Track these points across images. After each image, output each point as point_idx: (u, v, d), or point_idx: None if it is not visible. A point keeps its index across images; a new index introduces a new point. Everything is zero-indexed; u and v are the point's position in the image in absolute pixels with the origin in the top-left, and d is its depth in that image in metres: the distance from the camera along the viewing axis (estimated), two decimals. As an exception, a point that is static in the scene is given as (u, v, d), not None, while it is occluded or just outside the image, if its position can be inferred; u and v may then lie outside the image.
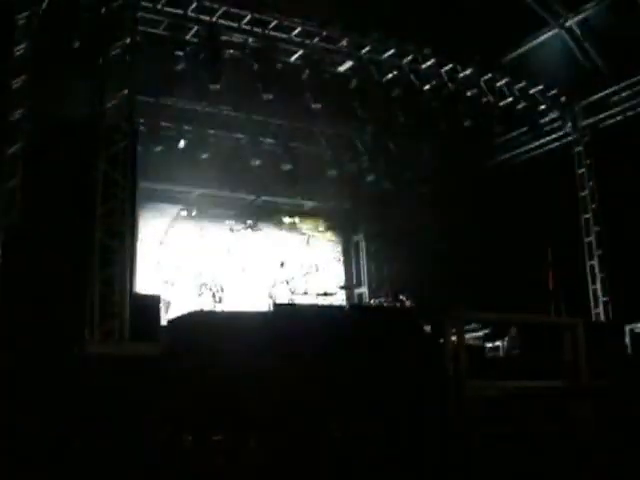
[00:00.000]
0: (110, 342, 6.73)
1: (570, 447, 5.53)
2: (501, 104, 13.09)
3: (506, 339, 10.39)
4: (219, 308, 12.70)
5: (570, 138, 13.95)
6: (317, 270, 15.02)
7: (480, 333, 10.73)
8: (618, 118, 13.10)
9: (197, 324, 6.28)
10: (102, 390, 5.01)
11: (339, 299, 14.61)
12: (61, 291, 6.57)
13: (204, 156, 12.94)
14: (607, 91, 13.06)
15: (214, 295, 12.78)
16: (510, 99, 13.11)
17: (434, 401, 5.14)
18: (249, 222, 14.68)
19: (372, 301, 14.30)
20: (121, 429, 5.07)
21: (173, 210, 13.91)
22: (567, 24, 12.59)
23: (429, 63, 12.26)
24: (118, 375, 5.24)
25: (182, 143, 12.85)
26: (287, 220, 15.33)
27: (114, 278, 7.38)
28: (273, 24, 10.99)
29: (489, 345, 10.38)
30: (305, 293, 12.87)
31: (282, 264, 14.53)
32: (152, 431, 5.24)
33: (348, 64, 11.96)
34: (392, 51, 11.93)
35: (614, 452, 5.88)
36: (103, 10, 8.54)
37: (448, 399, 4.77)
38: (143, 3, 9.72)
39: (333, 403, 5.52)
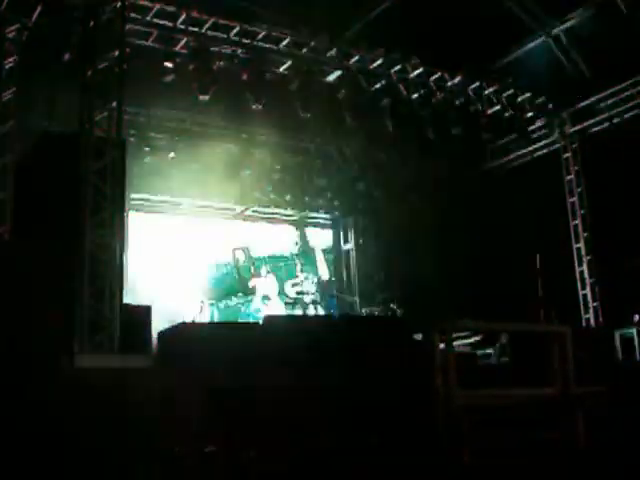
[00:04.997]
0: (100, 355, 6.72)
1: (560, 455, 5.55)
2: (489, 112, 13.19)
3: (497, 346, 10.43)
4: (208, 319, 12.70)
5: (558, 145, 14.07)
6: (307, 279, 15.03)
7: (472, 340, 10.75)
8: (605, 125, 13.24)
9: (187, 336, 6.29)
10: (91, 403, 5.01)
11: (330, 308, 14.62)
12: (50, 303, 6.55)
13: (194, 167, 12.96)
14: (594, 98, 13.19)
15: (202, 308, 12.81)
16: (498, 107, 13.20)
17: (423, 410, 5.16)
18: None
19: (363, 310, 14.31)
20: (111, 441, 5.05)
21: (163, 221, 13.89)
22: (554, 32, 12.71)
23: (417, 72, 12.34)
24: (107, 388, 5.23)
25: (172, 154, 12.87)
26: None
27: (104, 290, 7.37)
28: (262, 35, 11.04)
29: (480, 352, 10.41)
30: (295, 302, 12.88)
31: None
32: (142, 444, 5.23)
33: (337, 74, 12.02)
34: (380, 61, 12.01)
35: (605, 459, 5.90)
36: (92, 23, 8.54)
37: (437, 408, 4.79)
38: (132, 15, 9.75)
39: (323, 413, 5.53)
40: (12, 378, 5.11)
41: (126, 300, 7.82)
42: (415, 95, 12.43)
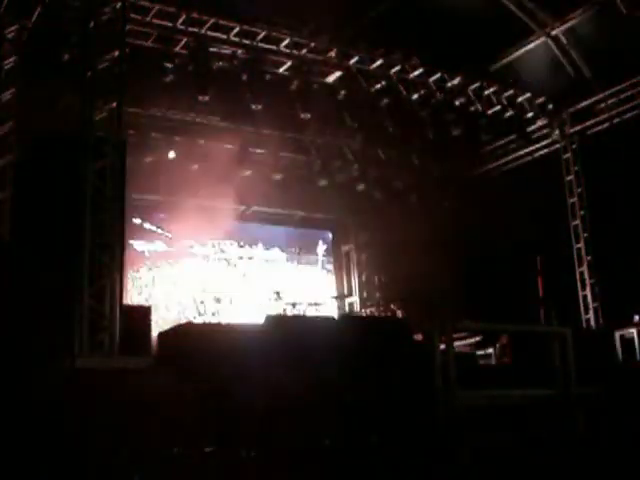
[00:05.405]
0: (100, 355, 6.71)
1: (560, 455, 5.55)
2: (489, 112, 13.19)
3: (497, 346, 10.42)
4: (210, 320, 12.68)
5: (558, 145, 14.06)
6: (308, 280, 15.03)
7: (472, 340, 10.75)
8: (605, 125, 13.23)
9: (187, 336, 6.28)
10: (90, 404, 5.00)
11: (330, 309, 14.60)
12: (51, 304, 6.55)
13: (194, 167, 12.96)
14: (594, 98, 13.18)
15: (205, 306, 12.79)
16: (498, 107, 13.21)
17: (423, 411, 5.16)
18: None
19: (363, 311, 14.31)
20: (111, 442, 5.05)
21: (163, 221, 13.89)
22: (553, 33, 12.70)
23: (417, 73, 12.34)
24: (107, 388, 5.23)
25: (172, 154, 12.86)
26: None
27: (104, 290, 7.36)
28: (262, 35, 11.05)
29: (481, 352, 10.40)
30: (295, 304, 12.86)
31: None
32: (143, 444, 5.23)
33: (337, 74, 12.03)
34: (380, 61, 12.01)
35: (605, 459, 5.90)
36: (92, 23, 8.53)
37: (437, 409, 4.79)
38: (132, 15, 9.74)
39: (323, 413, 5.53)
40: (12, 378, 5.11)
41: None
42: (415, 95, 12.43)
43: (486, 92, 13.05)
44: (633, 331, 10.44)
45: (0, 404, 4.96)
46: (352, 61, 11.91)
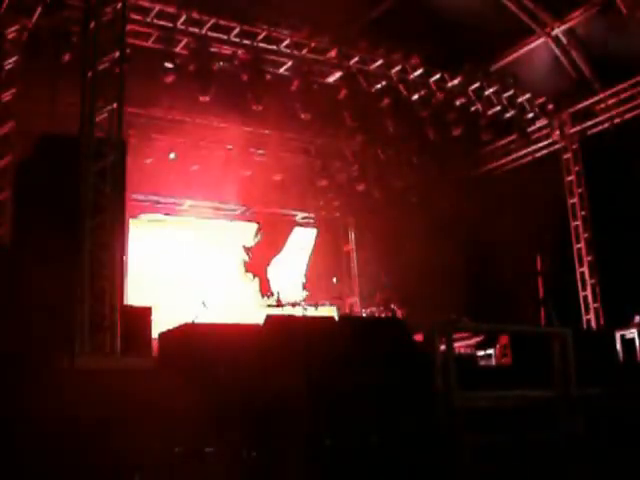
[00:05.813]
0: (100, 356, 6.71)
1: (561, 456, 5.55)
2: (490, 112, 13.20)
3: (497, 346, 10.43)
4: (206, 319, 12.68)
5: (558, 145, 14.07)
6: (308, 280, 15.02)
7: (472, 341, 10.76)
8: (605, 125, 13.25)
9: (188, 337, 6.28)
10: (91, 404, 5.01)
11: (330, 309, 14.59)
12: (51, 304, 6.56)
13: (194, 167, 12.97)
14: (594, 99, 13.20)
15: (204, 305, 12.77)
16: (498, 107, 13.22)
17: (423, 412, 5.16)
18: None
19: (363, 311, 14.31)
20: (112, 443, 5.06)
21: (163, 221, 13.91)
22: (553, 33, 12.71)
23: (417, 73, 12.35)
24: (107, 389, 5.23)
25: (172, 154, 12.86)
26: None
27: (104, 291, 7.36)
28: (262, 35, 11.06)
29: (481, 353, 10.41)
30: (294, 304, 12.85)
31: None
32: (143, 445, 5.23)
33: (337, 74, 12.04)
34: (380, 61, 12.02)
35: (606, 461, 5.90)
36: (92, 23, 8.53)
37: (437, 409, 4.79)
38: (133, 16, 9.76)
39: (323, 413, 5.54)
40: (12, 379, 5.11)
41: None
42: (415, 96, 12.45)
43: (486, 92, 13.07)
44: (634, 331, 10.46)
45: (0, 405, 4.96)
46: (352, 61, 11.92)
